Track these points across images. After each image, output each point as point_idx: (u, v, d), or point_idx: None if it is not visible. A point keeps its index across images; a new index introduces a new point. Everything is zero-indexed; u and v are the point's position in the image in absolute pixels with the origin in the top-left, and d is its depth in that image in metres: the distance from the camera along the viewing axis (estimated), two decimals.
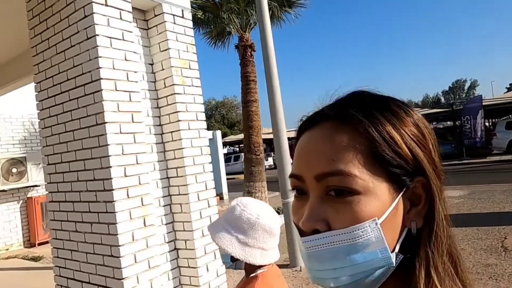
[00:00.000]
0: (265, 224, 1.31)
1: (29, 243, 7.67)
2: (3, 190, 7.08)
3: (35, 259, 6.57)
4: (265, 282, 1.33)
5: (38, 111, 3.00)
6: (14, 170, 7.21)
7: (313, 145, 0.51)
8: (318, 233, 0.48)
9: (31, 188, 7.69)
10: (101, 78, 2.49)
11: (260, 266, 1.36)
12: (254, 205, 1.36)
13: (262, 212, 1.35)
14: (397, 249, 0.49)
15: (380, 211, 0.47)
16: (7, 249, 7.29)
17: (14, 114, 7.54)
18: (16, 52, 4.89)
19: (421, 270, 0.48)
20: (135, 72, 2.71)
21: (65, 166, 2.81)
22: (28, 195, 7.66)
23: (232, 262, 1.39)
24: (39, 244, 7.55)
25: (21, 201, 7.62)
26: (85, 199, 2.68)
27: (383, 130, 0.48)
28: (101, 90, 2.48)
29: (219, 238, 1.31)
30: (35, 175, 7.57)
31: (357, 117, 0.49)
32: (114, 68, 2.56)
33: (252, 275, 1.37)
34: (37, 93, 3.00)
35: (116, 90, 2.57)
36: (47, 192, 3.00)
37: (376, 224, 0.46)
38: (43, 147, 2.99)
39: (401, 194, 0.48)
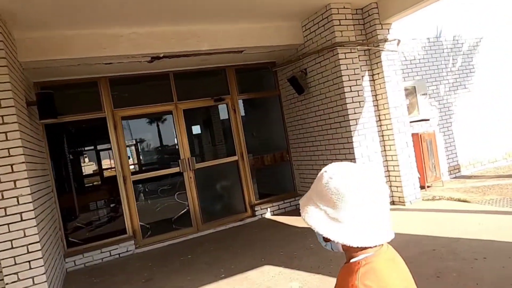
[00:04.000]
0: (359, 194, 0.98)
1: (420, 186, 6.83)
2: None
3: (462, 200, 5.54)
4: (370, 272, 0.97)
5: None
6: (406, 101, 6.33)
7: None
8: None
9: (414, 123, 6.76)
10: None
11: (364, 248, 1.00)
12: (346, 171, 1.03)
13: (355, 179, 1.00)
14: None
15: None
16: None
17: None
18: None
19: None
20: None
21: None
22: (413, 131, 6.77)
23: (325, 242, 1.07)
24: (428, 187, 6.62)
25: None
26: None
27: None
28: None
29: (306, 213, 1.05)
30: (423, 107, 6.56)
31: None
32: None
33: (353, 260, 1.02)
34: None
35: None
36: None
37: None
38: None
39: None
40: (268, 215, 6.50)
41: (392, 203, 5.71)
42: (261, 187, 6.77)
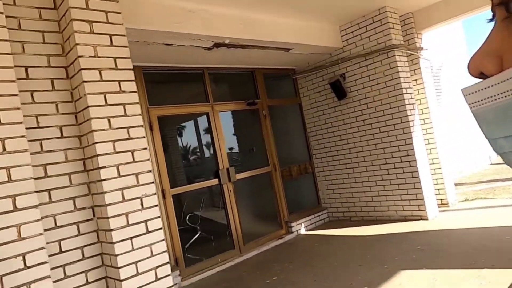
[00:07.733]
0: None
1: None
2: None
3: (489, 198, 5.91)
4: None
5: None
6: None
7: None
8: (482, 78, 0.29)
9: None
10: None
11: None
12: None
13: None
14: None
15: None
16: None
17: None
18: None
19: None
20: None
21: None
22: None
23: None
24: None
25: None
26: None
27: None
28: None
29: None
30: None
31: None
32: None
33: None
34: None
35: None
36: None
37: None
38: None
39: None
40: (303, 231, 5.91)
41: (438, 205, 5.73)
42: (288, 201, 6.17)
